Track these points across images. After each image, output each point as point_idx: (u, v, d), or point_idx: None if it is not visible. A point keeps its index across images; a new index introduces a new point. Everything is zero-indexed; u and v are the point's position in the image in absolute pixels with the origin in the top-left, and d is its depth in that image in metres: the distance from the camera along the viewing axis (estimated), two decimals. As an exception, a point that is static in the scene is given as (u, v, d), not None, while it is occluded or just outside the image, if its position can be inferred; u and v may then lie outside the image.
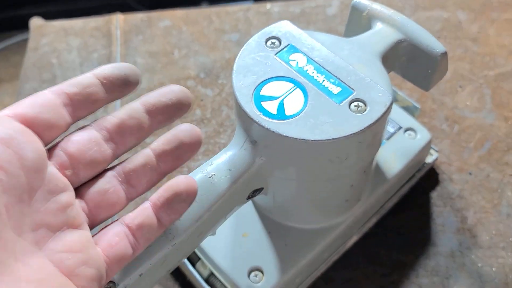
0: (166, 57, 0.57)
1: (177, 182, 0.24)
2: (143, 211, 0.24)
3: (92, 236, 0.23)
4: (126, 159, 0.26)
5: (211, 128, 0.51)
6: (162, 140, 0.25)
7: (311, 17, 0.60)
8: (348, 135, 0.27)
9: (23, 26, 0.61)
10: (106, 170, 0.25)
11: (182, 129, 0.25)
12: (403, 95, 0.45)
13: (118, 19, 0.61)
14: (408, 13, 0.59)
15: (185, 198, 0.24)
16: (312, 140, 0.27)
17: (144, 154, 0.25)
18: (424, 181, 0.46)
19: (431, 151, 0.46)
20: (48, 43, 0.59)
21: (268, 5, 0.61)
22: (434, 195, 0.46)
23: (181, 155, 0.25)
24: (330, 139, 0.27)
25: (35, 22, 0.62)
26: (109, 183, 0.24)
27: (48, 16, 0.66)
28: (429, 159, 0.45)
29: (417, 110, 0.44)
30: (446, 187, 0.46)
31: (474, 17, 0.58)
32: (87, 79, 0.24)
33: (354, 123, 0.28)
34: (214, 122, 0.51)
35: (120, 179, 0.25)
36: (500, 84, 0.53)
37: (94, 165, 0.24)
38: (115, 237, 0.23)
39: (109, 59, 0.57)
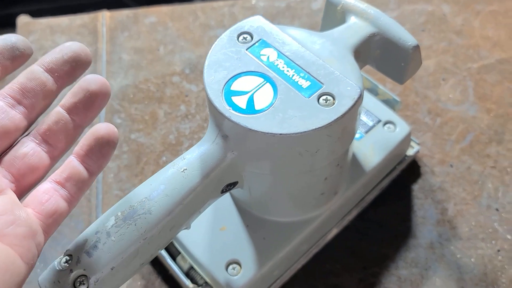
0: (152, 53, 0.57)
1: (96, 128, 0.25)
2: (68, 164, 0.25)
3: (22, 201, 0.24)
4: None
5: (195, 123, 0.51)
6: (69, 95, 0.26)
7: (296, 11, 0.60)
8: (315, 129, 0.28)
9: (15, 25, 0.62)
10: (22, 137, 0.25)
11: (86, 79, 0.26)
12: (383, 88, 0.45)
13: (104, 16, 0.61)
14: (393, 6, 0.59)
15: (107, 141, 0.25)
16: (280, 134, 0.28)
17: (55, 112, 0.26)
18: (405, 173, 0.46)
19: (413, 143, 0.46)
20: (34, 41, 0.59)
21: (254, 0, 0.61)
22: (416, 187, 0.46)
23: (92, 104, 0.26)
24: (298, 133, 0.28)
25: (22, 19, 0.62)
26: (26, 146, 0.25)
27: (40, 14, 0.66)
28: (410, 152, 0.46)
29: (398, 104, 0.45)
30: (427, 180, 0.46)
31: (458, 9, 0.58)
32: None
33: (322, 116, 0.28)
34: (198, 117, 0.52)
35: (37, 141, 0.25)
36: (483, 77, 0.53)
37: (6, 133, 0.24)
38: (44, 194, 0.24)
39: (95, 56, 0.57)
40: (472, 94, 0.52)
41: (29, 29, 0.61)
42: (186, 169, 0.30)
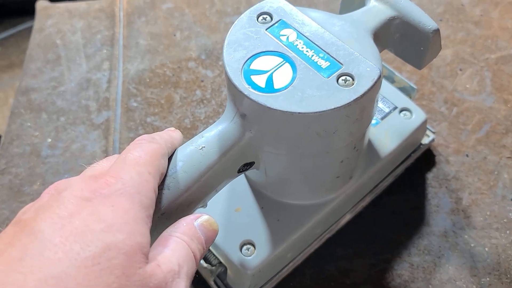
0: (168, 38, 0.58)
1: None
2: None
3: None
4: None
5: (210, 108, 0.52)
6: None
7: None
8: (334, 108, 0.28)
9: (34, 10, 0.62)
10: None
11: None
12: (400, 76, 0.45)
13: (121, 1, 0.61)
14: (410, -4, 0.59)
15: None
16: (299, 112, 0.28)
17: None
18: (420, 162, 0.46)
19: (428, 132, 0.46)
20: (53, 25, 0.60)
21: (270, -12, 0.61)
22: (430, 176, 0.46)
23: None
24: (316, 112, 0.28)
25: (41, 4, 0.63)
26: None
27: (58, 0, 0.67)
28: (425, 140, 0.45)
29: (414, 91, 0.45)
30: (442, 169, 0.46)
31: (477, 0, 0.58)
32: None
33: (341, 96, 0.28)
34: (213, 102, 0.52)
35: None
36: (501, 67, 0.52)
37: None
38: None
39: (112, 40, 0.58)
40: (490, 84, 0.51)
41: (47, 13, 0.61)
42: (204, 146, 0.30)
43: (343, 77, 0.29)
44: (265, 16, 0.32)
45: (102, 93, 0.53)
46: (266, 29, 0.32)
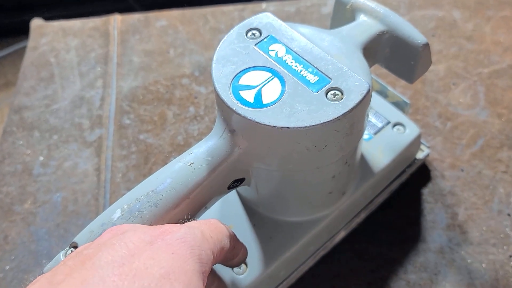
0: (162, 55, 0.58)
1: None
2: None
3: None
4: None
5: (204, 125, 0.51)
6: None
7: (306, 16, 0.60)
8: (323, 123, 0.27)
9: (29, 30, 0.62)
10: None
11: None
12: (393, 90, 0.45)
13: (116, 19, 0.62)
14: (403, 11, 0.59)
15: None
16: (288, 127, 0.28)
17: None
18: (415, 177, 0.46)
19: (423, 147, 0.46)
20: (47, 43, 0.60)
21: (264, 5, 0.62)
22: (425, 191, 0.45)
23: None
24: (305, 127, 0.27)
25: (35, 22, 0.63)
26: None
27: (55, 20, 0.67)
28: (420, 155, 0.45)
29: (407, 106, 0.44)
30: (437, 184, 0.46)
31: (469, 15, 0.58)
32: None
33: (329, 111, 0.28)
34: (207, 119, 0.52)
35: None
36: (494, 81, 0.52)
37: None
38: None
39: (105, 58, 0.58)
40: (483, 98, 0.51)
41: (42, 31, 0.62)
42: (193, 163, 0.29)
43: (332, 92, 0.29)
44: (254, 31, 0.32)
45: (95, 111, 0.53)
46: (255, 45, 0.31)
